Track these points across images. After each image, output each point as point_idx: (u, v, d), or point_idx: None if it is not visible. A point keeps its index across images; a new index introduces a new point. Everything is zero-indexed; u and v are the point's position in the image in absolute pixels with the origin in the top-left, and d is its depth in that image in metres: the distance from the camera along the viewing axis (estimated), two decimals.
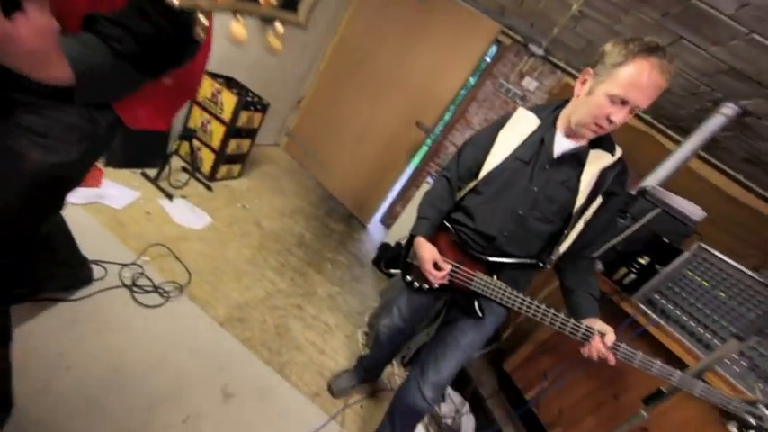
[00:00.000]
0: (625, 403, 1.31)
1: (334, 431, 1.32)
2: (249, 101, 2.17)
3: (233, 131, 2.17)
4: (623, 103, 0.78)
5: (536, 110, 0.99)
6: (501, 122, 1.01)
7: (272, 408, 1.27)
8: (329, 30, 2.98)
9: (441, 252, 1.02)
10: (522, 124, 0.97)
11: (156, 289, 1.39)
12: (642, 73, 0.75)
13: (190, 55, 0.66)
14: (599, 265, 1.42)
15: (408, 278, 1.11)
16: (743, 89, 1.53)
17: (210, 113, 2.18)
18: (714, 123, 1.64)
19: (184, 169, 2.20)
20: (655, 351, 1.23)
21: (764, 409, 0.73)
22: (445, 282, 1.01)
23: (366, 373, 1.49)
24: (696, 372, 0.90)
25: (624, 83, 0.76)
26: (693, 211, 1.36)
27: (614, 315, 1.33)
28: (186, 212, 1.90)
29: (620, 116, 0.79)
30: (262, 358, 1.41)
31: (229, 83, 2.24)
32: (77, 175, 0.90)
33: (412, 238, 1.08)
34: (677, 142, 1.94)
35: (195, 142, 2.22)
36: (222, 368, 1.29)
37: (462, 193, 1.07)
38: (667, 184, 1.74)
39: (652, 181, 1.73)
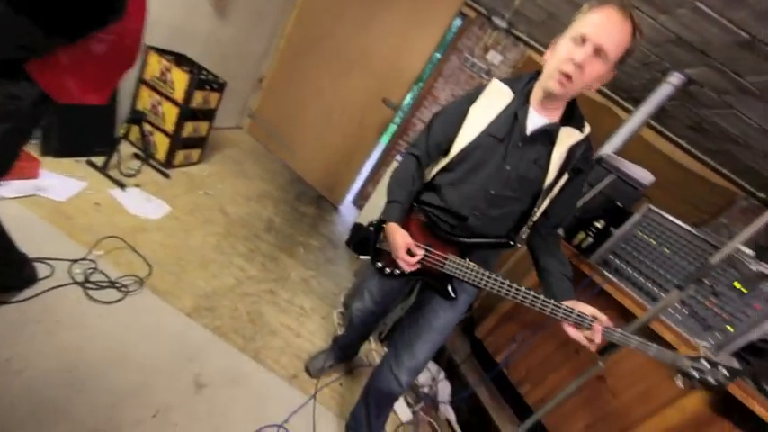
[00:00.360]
0: (585, 357, 1.42)
1: (313, 410, 1.33)
2: (203, 79, 2.02)
3: (187, 113, 2.02)
4: (584, 41, 0.77)
5: (510, 82, 0.94)
6: (473, 95, 0.96)
7: (248, 394, 1.26)
8: (287, 3, 2.81)
9: (411, 235, 0.96)
10: (496, 98, 0.93)
11: (112, 284, 1.30)
12: (604, 15, 0.75)
13: (112, 13, 0.59)
14: (560, 232, 1.49)
15: (379, 264, 1.07)
16: (688, 58, 1.61)
17: (161, 94, 2.01)
18: (662, 93, 1.73)
19: (136, 156, 2.04)
20: (609, 307, 1.33)
21: (705, 363, 0.79)
22: (418, 266, 0.97)
23: (342, 352, 1.50)
24: (644, 322, 0.98)
25: (585, 23, 0.77)
26: (644, 175, 1.45)
27: (574, 277, 1.41)
28: (141, 202, 1.78)
29: (581, 55, 0.76)
30: (235, 346, 1.38)
31: (180, 60, 2.07)
32: (3, 161, 0.81)
33: (380, 222, 1.02)
34: (631, 113, 2.03)
35: (146, 126, 2.05)
36: (192, 359, 1.25)
37: (433, 172, 1.02)
38: (621, 152, 1.83)
39: (608, 149, 1.82)
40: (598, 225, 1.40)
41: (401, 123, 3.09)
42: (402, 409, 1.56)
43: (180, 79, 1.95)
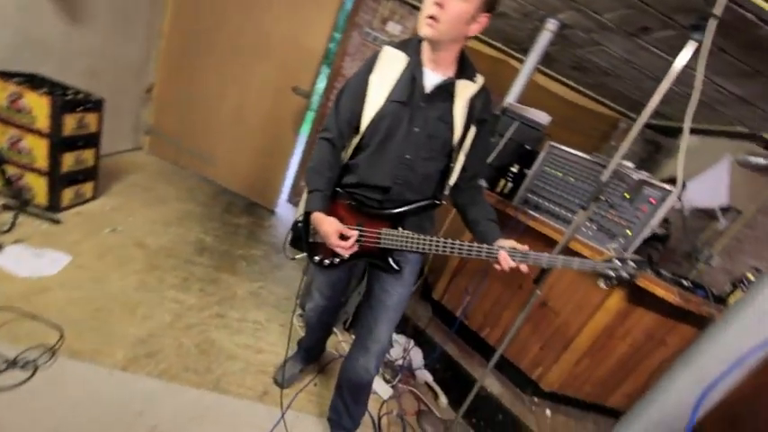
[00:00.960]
0: (527, 290, 1.58)
1: (294, 420, 1.29)
2: (70, 100, 1.71)
3: (61, 143, 1.71)
4: None
5: (402, 46, 0.95)
6: (369, 65, 0.96)
7: (217, 428, 1.18)
8: (156, 1, 2.46)
9: (340, 220, 0.97)
10: (392, 64, 0.93)
11: (12, 363, 1.09)
12: None
13: None
14: (483, 183, 1.60)
15: (317, 258, 1.05)
16: (558, 4, 1.78)
17: (18, 126, 1.67)
18: (543, 39, 1.90)
19: (6, 207, 1.69)
20: (537, 240, 1.48)
21: (617, 262, 0.90)
22: (355, 249, 0.97)
23: (309, 354, 1.47)
24: (563, 244, 1.10)
25: None
26: (542, 117, 1.60)
27: (502, 221, 1.54)
28: (29, 259, 1.50)
29: None
30: (190, 384, 1.27)
31: (32, 81, 1.71)
32: None
33: (307, 215, 1.00)
34: (523, 62, 2.20)
35: (9, 168, 1.70)
36: (142, 413, 1.12)
37: (348, 153, 1.02)
38: (521, 99, 2.00)
39: (510, 99, 1.96)
40: (514, 170, 1.53)
41: (318, 109, 2.98)
42: (382, 388, 1.59)
43: (39, 104, 1.63)
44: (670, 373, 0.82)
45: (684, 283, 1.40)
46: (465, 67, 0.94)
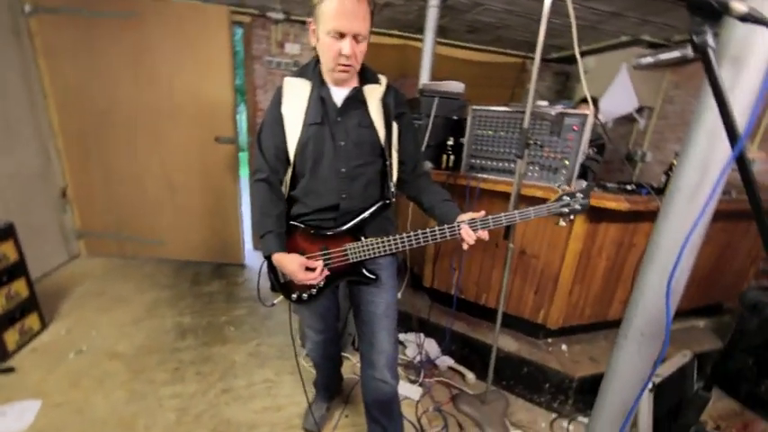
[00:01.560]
0: (504, 247, 1.65)
1: None
2: None
3: None
4: (342, 35, 0.83)
5: (301, 73, 0.97)
6: (277, 99, 0.97)
7: None
8: (29, 95, 2.26)
9: (303, 252, 0.97)
10: (297, 92, 0.95)
11: None
12: (339, 4, 0.80)
13: None
14: (428, 165, 1.65)
15: (294, 296, 1.04)
16: None
17: None
18: (432, 15, 1.99)
19: None
20: (495, 199, 1.55)
21: (566, 197, 0.95)
22: (326, 274, 0.98)
23: (328, 390, 1.44)
24: (516, 195, 1.16)
25: (331, 17, 0.81)
26: (456, 86, 1.68)
27: (459, 193, 1.60)
28: None
29: (348, 47, 0.83)
30: None
31: None
32: None
33: (268, 259, 0.99)
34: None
35: None
36: None
37: (287, 186, 1.02)
38: (434, 76, 2.07)
39: (423, 78, 2.04)
40: (450, 143, 1.59)
41: (249, 148, 2.92)
42: (411, 390, 1.60)
43: None
44: (640, 274, 0.89)
45: (628, 187, 1.54)
46: (366, 74, 0.97)
